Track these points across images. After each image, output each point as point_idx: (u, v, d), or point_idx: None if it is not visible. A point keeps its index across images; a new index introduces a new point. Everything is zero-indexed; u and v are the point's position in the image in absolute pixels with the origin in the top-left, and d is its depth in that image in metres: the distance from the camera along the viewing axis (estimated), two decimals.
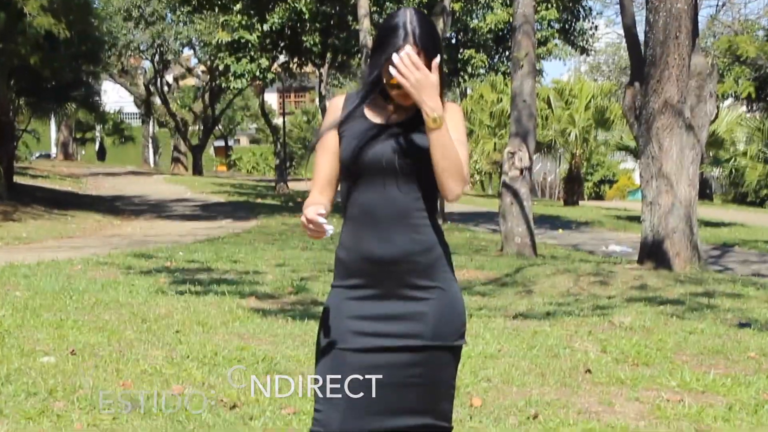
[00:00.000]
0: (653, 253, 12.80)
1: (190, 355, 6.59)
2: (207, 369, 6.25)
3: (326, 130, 3.14)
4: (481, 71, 30.79)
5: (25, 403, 5.36)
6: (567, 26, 33.99)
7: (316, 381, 3.06)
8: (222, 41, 28.63)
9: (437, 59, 3.00)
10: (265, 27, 28.26)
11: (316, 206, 2.96)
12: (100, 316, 8.05)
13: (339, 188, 3.17)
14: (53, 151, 55.71)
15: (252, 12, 28.29)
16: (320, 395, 3.04)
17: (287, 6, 28.14)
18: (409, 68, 2.93)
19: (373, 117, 3.11)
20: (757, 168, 35.68)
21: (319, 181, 3.16)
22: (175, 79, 50.83)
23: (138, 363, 6.36)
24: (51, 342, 6.92)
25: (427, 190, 3.08)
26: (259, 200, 29.68)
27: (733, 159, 36.80)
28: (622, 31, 13.36)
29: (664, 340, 7.50)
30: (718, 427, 5.28)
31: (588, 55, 37.13)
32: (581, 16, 34.04)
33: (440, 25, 20.22)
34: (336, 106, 3.17)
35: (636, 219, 23.07)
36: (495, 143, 41.11)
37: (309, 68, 34.26)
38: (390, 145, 3.04)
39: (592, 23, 35.31)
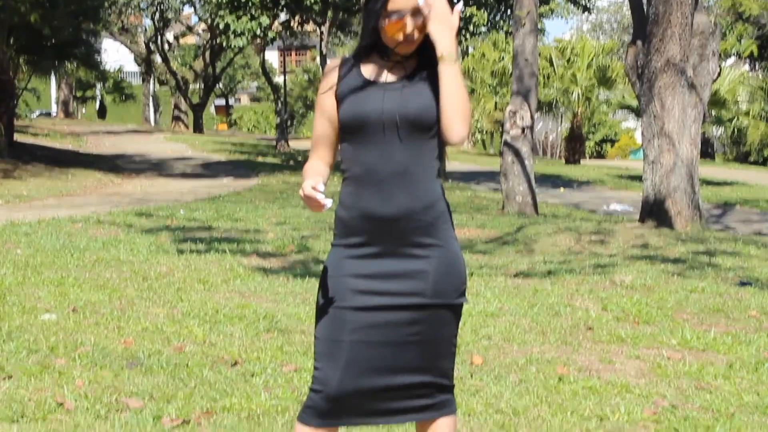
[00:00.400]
0: (654, 212, 12.77)
1: (191, 313, 6.60)
2: (208, 327, 6.26)
3: (323, 93, 3.11)
4: (483, 29, 30.55)
5: (27, 360, 5.37)
6: None
7: (316, 339, 3.05)
8: None
9: (459, 5, 2.97)
10: None
11: (314, 179, 2.94)
12: (101, 274, 8.05)
13: (339, 149, 3.14)
14: (53, 109, 55.53)
15: None
16: (320, 354, 3.03)
17: None
18: None
19: (371, 76, 3.08)
20: (759, 127, 35.57)
21: (317, 144, 3.14)
22: (176, 38, 50.51)
23: (139, 320, 6.36)
24: (52, 299, 6.92)
25: (428, 147, 3.05)
26: (259, 159, 29.62)
27: (735, 118, 36.67)
28: None
29: (665, 298, 7.50)
30: (719, 384, 5.28)
31: (590, 13, 36.83)
32: None
33: None
34: (332, 69, 3.13)
35: (637, 178, 23.04)
36: (496, 102, 40.97)
37: (310, 26, 34.02)
38: (390, 102, 3.01)
39: None
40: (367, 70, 3.09)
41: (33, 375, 5.11)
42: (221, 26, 28.38)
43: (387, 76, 3.07)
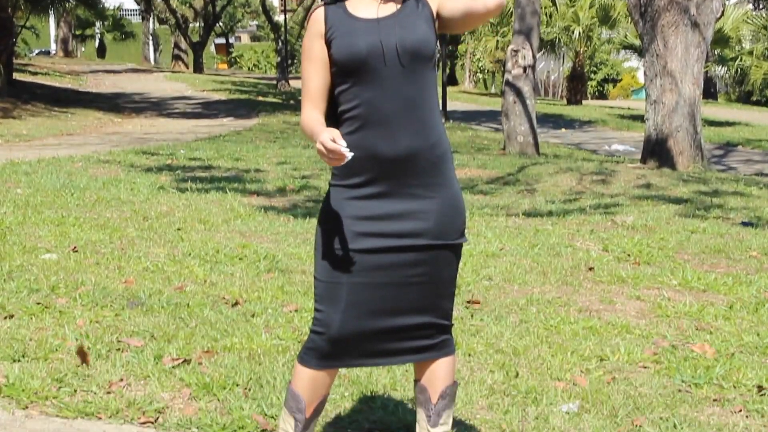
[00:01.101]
0: (656, 152, 12.72)
1: (191, 253, 6.59)
2: (209, 266, 6.25)
3: (310, 42, 3.03)
4: None
5: (28, 299, 5.37)
6: None
7: (316, 281, 3.03)
8: None
9: None
10: None
11: (330, 130, 2.84)
12: (101, 214, 8.03)
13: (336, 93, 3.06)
14: (53, 47, 55.10)
15: None
16: (321, 296, 3.01)
17: None
18: None
19: (361, 13, 3.00)
20: (762, 67, 35.28)
21: (311, 93, 3.04)
22: None
23: (140, 260, 6.35)
24: (53, 239, 6.91)
25: (429, 79, 3.00)
26: (260, 98, 29.46)
27: (738, 58, 36.36)
28: None
29: (666, 239, 7.49)
30: (719, 325, 5.28)
31: None
32: None
33: None
34: (317, 18, 3.04)
35: (639, 118, 22.93)
36: (498, 41, 40.60)
37: None
38: (387, 33, 2.95)
39: None
40: (356, 9, 3.02)
41: (34, 314, 5.11)
42: None
43: (379, 11, 3.00)
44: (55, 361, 4.44)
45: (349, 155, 2.78)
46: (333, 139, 2.78)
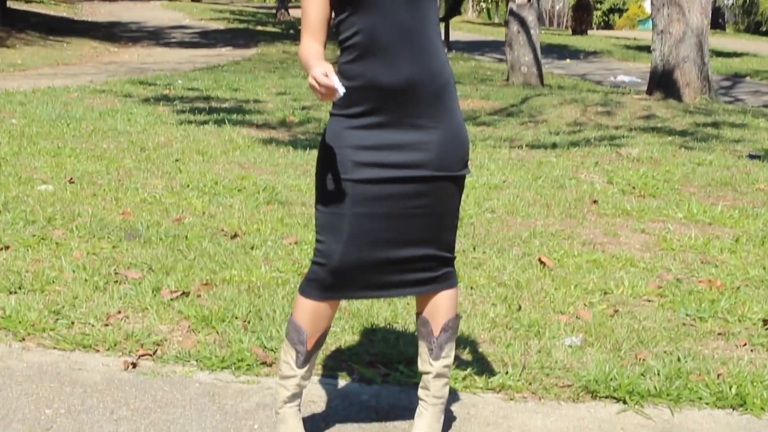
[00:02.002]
0: (663, 83, 12.61)
1: (190, 185, 6.55)
2: (207, 198, 6.22)
3: None
4: None
5: (24, 231, 5.35)
6: None
7: (317, 212, 3.00)
8: None
9: None
10: None
11: (323, 65, 2.78)
12: (98, 145, 7.97)
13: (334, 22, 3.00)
14: None
15: None
16: (322, 227, 2.99)
17: None
18: None
19: None
20: None
21: (310, 24, 2.98)
22: None
23: (137, 192, 6.32)
24: (48, 170, 6.87)
25: (431, 7, 2.93)
26: (259, 28, 29.16)
27: None
28: None
29: (672, 171, 7.45)
30: (724, 258, 5.26)
31: None
32: None
33: None
34: None
35: (646, 49, 22.72)
36: None
37: None
38: None
39: None
40: None
41: (30, 246, 5.09)
42: None
43: None
44: (52, 293, 4.43)
45: (342, 91, 2.74)
46: (325, 73, 2.73)
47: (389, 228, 2.96)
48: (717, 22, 40.53)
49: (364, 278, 2.99)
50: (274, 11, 37.21)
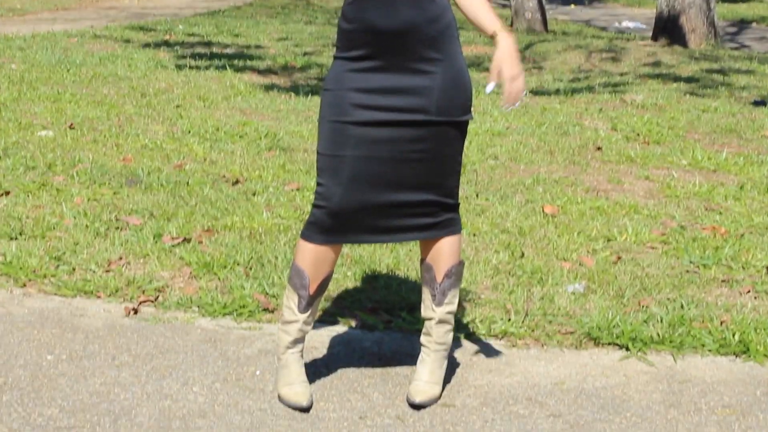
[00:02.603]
0: (668, 29, 12.48)
1: (191, 130, 6.51)
2: (208, 144, 6.18)
3: None
4: None
5: (24, 176, 5.32)
6: None
7: (318, 155, 2.98)
8: None
9: None
10: None
11: None
12: (98, 90, 7.91)
13: None
14: None
15: None
16: (322, 169, 2.96)
17: None
18: None
19: None
20: None
21: None
22: None
23: (138, 138, 6.28)
24: (49, 116, 6.83)
25: None
26: None
27: None
28: None
29: (677, 118, 7.39)
30: (729, 205, 5.24)
31: None
32: None
33: None
34: None
35: None
36: None
37: None
38: None
39: None
40: None
41: (31, 192, 5.07)
42: None
43: None
44: (53, 239, 4.42)
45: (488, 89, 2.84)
46: None
47: (389, 172, 2.94)
48: None
49: (364, 222, 2.97)
50: None
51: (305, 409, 3.08)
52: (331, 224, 2.96)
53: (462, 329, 3.66)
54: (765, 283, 4.15)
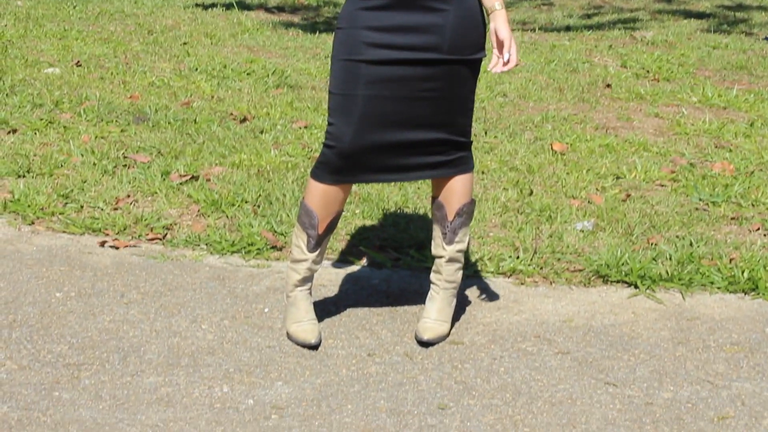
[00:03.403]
0: None
1: (198, 68, 6.44)
2: (216, 82, 6.11)
3: None
4: None
5: (31, 114, 5.27)
6: None
7: (329, 94, 2.94)
8: None
9: None
10: None
11: None
12: (104, 27, 7.82)
13: None
14: None
15: None
16: (333, 108, 2.92)
17: None
18: None
19: None
20: None
21: None
22: None
23: (145, 75, 6.22)
24: (55, 53, 6.75)
25: None
26: None
27: None
28: None
29: (687, 55, 7.29)
30: (739, 143, 5.17)
31: None
32: None
33: None
34: None
35: None
36: None
37: None
38: None
39: None
40: None
41: (38, 130, 5.02)
42: None
43: None
44: (61, 177, 4.39)
45: None
46: None
47: (400, 111, 2.90)
48: None
49: (375, 161, 2.94)
50: None
51: (314, 347, 3.08)
52: (342, 164, 2.92)
53: (470, 267, 3.64)
54: None
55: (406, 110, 2.91)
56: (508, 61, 2.94)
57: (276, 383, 2.89)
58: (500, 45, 2.94)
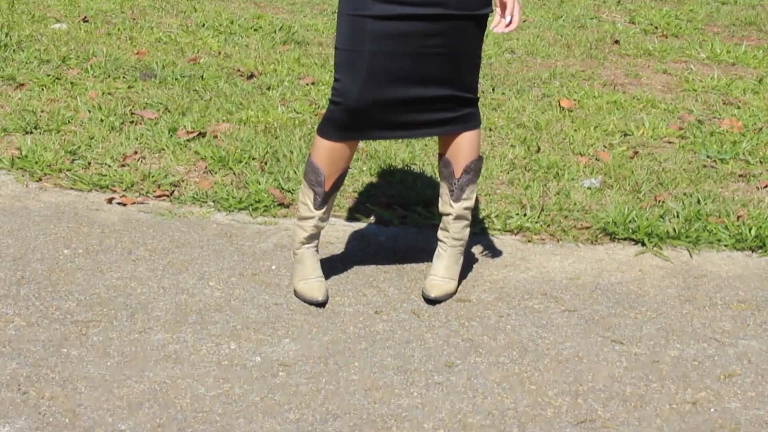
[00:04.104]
0: None
1: (205, 24, 6.36)
2: (223, 38, 6.04)
3: None
4: None
5: (38, 70, 5.22)
6: None
7: (336, 50, 2.89)
8: None
9: None
10: None
11: None
12: None
13: None
14: None
15: None
16: (340, 65, 2.87)
17: None
18: None
19: None
20: None
21: None
22: None
23: (152, 31, 6.15)
24: (62, 8, 6.68)
25: None
26: None
27: None
28: None
29: (696, 10, 7.19)
30: (747, 99, 5.11)
31: None
32: None
33: None
34: None
35: None
36: None
37: None
38: None
39: None
40: None
41: (45, 85, 4.98)
42: None
43: None
44: (68, 133, 4.35)
45: None
46: None
47: (407, 67, 2.86)
48: None
49: (382, 118, 2.90)
50: None
51: (321, 304, 3.06)
52: (348, 121, 2.88)
53: (477, 224, 3.61)
54: None
55: (412, 66, 2.86)
56: (510, 22, 2.88)
57: (283, 340, 2.87)
58: (503, 5, 2.88)
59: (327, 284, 3.13)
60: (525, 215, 3.68)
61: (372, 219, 3.68)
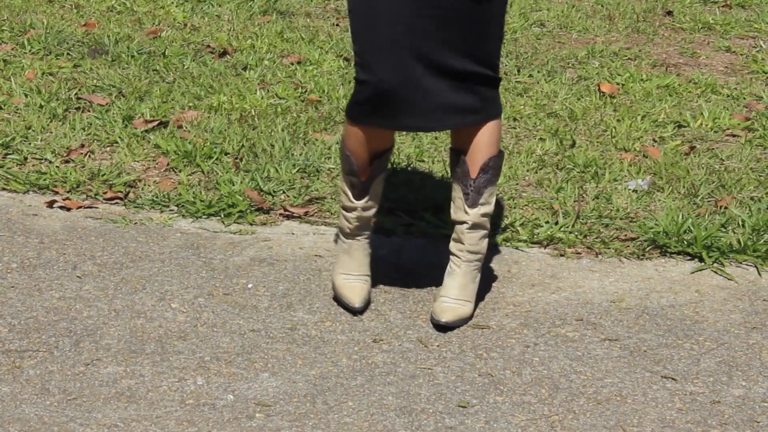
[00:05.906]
0: None
1: None
2: (189, 6, 6.09)
3: None
4: None
5: None
6: None
7: (349, 13, 3.02)
8: None
9: None
10: None
11: None
12: None
13: None
14: None
15: None
16: (356, 32, 3.00)
17: None
18: None
19: None
20: None
21: None
22: None
23: None
24: None
25: None
26: None
27: None
28: None
29: None
30: None
31: None
32: None
33: None
34: None
35: None
36: None
37: None
38: None
39: None
40: None
41: None
42: None
43: None
44: (0, 123, 4.38)
45: None
46: None
47: (426, 30, 2.93)
48: None
49: (410, 95, 2.95)
50: None
51: (356, 312, 3.15)
52: (377, 99, 2.96)
53: (499, 234, 3.63)
54: None
55: (432, 29, 2.94)
56: None
57: (261, 375, 2.89)
58: None
59: (315, 305, 3.15)
60: (557, 224, 3.71)
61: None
